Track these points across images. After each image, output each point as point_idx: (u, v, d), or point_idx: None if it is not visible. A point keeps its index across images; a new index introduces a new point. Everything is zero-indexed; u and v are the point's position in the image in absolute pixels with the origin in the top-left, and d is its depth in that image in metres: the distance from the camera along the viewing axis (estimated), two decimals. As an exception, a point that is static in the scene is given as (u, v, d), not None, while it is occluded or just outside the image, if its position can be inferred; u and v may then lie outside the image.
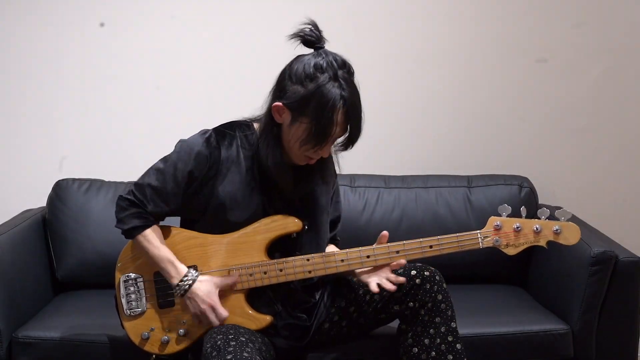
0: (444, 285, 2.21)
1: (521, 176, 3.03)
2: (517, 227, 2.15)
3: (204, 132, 2.21)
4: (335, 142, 2.15)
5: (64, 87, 3.16)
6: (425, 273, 2.20)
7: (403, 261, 2.18)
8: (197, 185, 2.18)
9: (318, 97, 2.03)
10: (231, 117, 2.30)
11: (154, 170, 2.21)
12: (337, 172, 2.35)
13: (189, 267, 2.20)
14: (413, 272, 2.21)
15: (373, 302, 2.26)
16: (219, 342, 2.05)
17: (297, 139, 2.09)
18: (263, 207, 2.21)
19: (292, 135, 2.10)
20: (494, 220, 2.17)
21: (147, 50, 3.14)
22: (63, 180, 3.00)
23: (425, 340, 2.18)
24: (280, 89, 2.11)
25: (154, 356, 2.24)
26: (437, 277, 2.21)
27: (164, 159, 2.21)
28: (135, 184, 2.22)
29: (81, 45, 3.13)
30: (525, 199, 2.94)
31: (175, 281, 2.17)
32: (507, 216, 2.17)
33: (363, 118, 2.09)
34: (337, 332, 2.31)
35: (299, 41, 2.12)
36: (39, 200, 3.05)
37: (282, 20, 3.12)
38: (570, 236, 2.13)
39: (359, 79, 2.11)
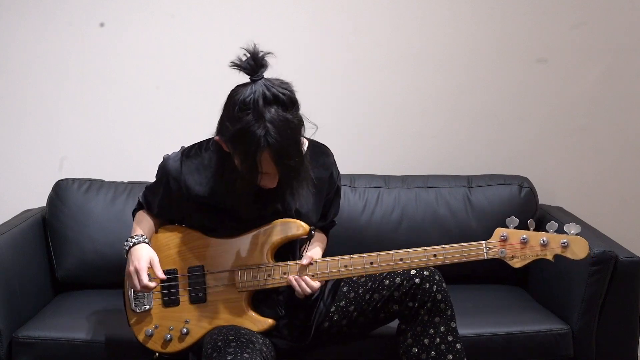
0: (444, 284, 2.21)
1: (521, 176, 3.02)
2: (524, 240, 2.12)
3: (176, 154, 2.28)
4: None
5: (64, 87, 3.16)
6: (425, 273, 2.20)
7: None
8: (175, 204, 2.28)
9: (242, 139, 2.01)
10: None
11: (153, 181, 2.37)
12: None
13: (195, 266, 2.24)
14: (412, 272, 2.21)
15: (373, 302, 2.26)
16: (220, 342, 2.06)
17: (239, 171, 2.08)
18: (229, 225, 2.24)
19: (237, 167, 2.09)
20: (500, 232, 2.15)
21: (147, 50, 3.14)
22: (63, 180, 3.00)
23: (425, 340, 2.18)
24: (220, 122, 2.11)
25: (156, 354, 2.25)
26: (437, 277, 2.21)
27: (157, 172, 2.34)
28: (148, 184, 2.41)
29: (81, 45, 3.13)
30: (525, 199, 2.94)
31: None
32: (514, 228, 2.14)
33: (298, 157, 2.05)
34: (337, 331, 2.31)
35: (239, 71, 2.10)
36: (39, 200, 3.05)
37: (282, 20, 3.15)
38: (578, 250, 2.10)
39: (359, 79, 2.10)
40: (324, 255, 2.33)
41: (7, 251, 2.62)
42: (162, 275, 2.19)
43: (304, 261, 2.20)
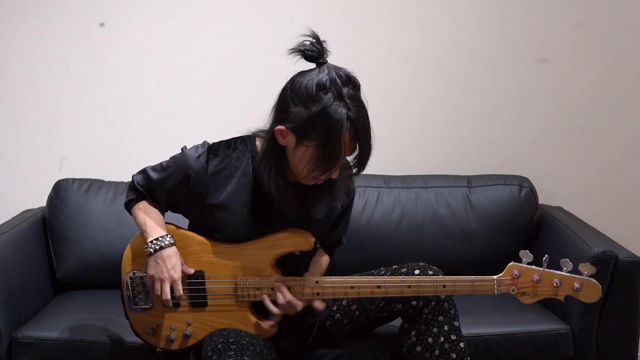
0: (448, 282, 2.21)
1: (521, 176, 3.03)
2: (537, 280, 2.08)
3: (200, 149, 2.18)
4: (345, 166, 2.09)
5: (64, 87, 3.16)
6: (429, 272, 2.20)
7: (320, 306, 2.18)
8: (188, 199, 2.19)
9: (324, 120, 1.94)
10: (231, 116, 2.30)
11: (159, 164, 2.24)
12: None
13: (197, 271, 2.20)
14: (417, 272, 2.20)
15: (375, 301, 2.25)
16: (220, 345, 2.05)
17: (304, 163, 2.01)
18: (258, 230, 2.17)
19: (299, 159, 2.02)
20: (513, 268, 2.10)
21: (146, 50, 3.14)
22: (63, 180, 3.00)
23: (429, 339, 2.17)
24: (282, 111, 2.01)
25: (159, 349, 2.23)
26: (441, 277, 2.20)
27: (170, 159, 2.23)
28: (143, 169, 2.27)
29: (81, 45, 3.13)
30: (525, 199, 2.94)
31: (150, 238, 2.16)
32: (527, 263, 2.09)
33: (373, 136, 2.02)
34: (339, 330, 2.31)
35: (300, 56, 2.03)
36: (39, 200, 3.05)
37: (283, 20, 3.14)
38: (591, 293, 2.06)
39: (359, 80, 2.09)
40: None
41: (7, 251, 2.62)
42: (191, 271, 2.18)
43: (320, 306, 2.17)
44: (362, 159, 2.03)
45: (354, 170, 2.06)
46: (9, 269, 2.59)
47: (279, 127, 2.01)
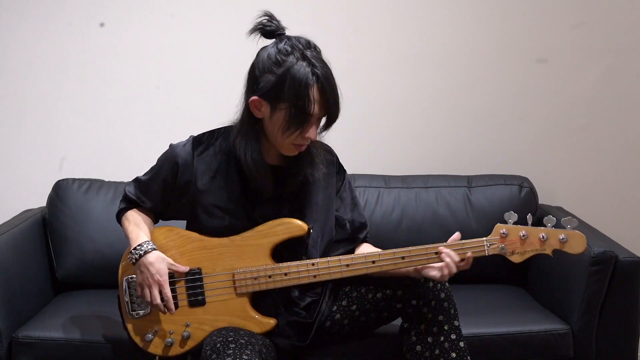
0: (447, 283, 2.21)
1: (521, 176, 3.03)
2: (523, 236, 2.14)
3: (185, 140, 2.25)
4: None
5: (64, 87, 3.16)
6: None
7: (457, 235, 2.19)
8: (178, 192, 2.22)
9: (290, 79, 2.02)
10: (231, 116, 2.30)
11: (150, 168, 2.29)
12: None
13: (193, 269, 2.21)
14: (417, 271, 2.21)
15: (375, 301, 2.25)
16: (218, 344, 2.05)
17: (279, 127, 2.07)
18: (246, 213, 2.20)
19: (275, 125, 2.08)
20: (500, 228, 2.16)
21: (146, 50, 3.15)
22: (63, 180, 3.00)
23: (429, 338, 2.18)
24: (252, 84, 2.11)
25: (157, 358, 2.23)
26: (440, 276, 2.21)
27: (159, 158, 2.28)
28: (134, 178, 2.32)
29: (81, 45, 3.13)
30: (525, 199, 2.94)
31: (131, 247, 2.19)
32: (513, 223, 2.16)
33: (340, 93, 2.08)
34: (339, 330, 2.31)
35: (259, 35, 2.13)
36: (39, 200, 3.05)
37: (282, 20, 3.14)
38: (577, 245, 2.12)
39: (359, 79, 2.10)
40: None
41: (7, 251, 2.62)
42: (185, 269, 2.20)
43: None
44: (332, 115, 2.09)
45: (323, 127, 2.13)
46: (9, 269, 2.59)
47: (252, 98, 2.09)
